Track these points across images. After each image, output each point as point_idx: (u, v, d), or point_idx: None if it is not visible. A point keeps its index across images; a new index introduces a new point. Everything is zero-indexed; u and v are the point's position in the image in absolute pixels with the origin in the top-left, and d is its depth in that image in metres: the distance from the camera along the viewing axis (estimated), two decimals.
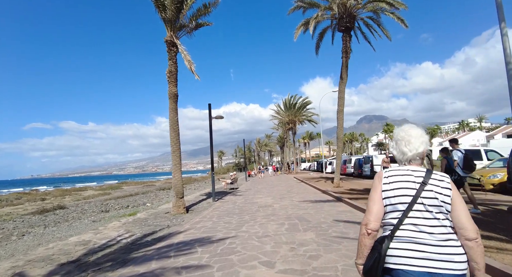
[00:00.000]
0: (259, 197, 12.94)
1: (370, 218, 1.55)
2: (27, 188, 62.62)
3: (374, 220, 1.54)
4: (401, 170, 1.60)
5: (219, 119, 12.56)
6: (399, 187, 1.53)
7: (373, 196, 1.58)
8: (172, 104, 10.28)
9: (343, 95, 15.23)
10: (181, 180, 10.25)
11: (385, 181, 1.57)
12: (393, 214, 1.53)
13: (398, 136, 1.70)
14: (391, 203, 1.53)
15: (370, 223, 1.54)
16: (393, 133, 1.78)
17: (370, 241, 1.55)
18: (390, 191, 1.54)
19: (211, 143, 12.60)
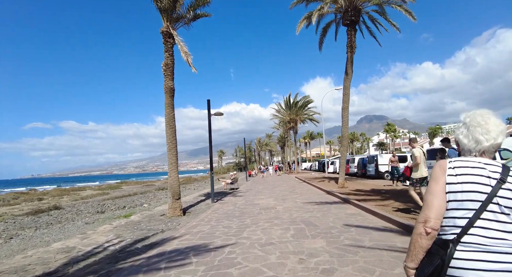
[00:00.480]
0: (260, 198, 12.30)
1: (430, 215, 1.33)
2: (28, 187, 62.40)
3: (435, 217, 1.33)
4: (470, 161, 1.38)
5: (218, 116, 11.94)
6: (470, 181, 1.32)
7: (433, 188, 1.38)
8: (168, 99, 9.65)
9: (348, 92, 14.59)
10: (177, 180, 9.61)
11: (451, 173, 1.36)
12: (458, 212, 1.32)
13: (473, 122, 1.44)
14: (456, 199, 1.32)
15: (430, 221, 1.32)
16: (464, 117, 1.50)
17: (428, 242, 1.34)
18: (457, 184, 1.33)
19: (210, 142, 11.97)
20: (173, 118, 9.67)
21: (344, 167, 14.51)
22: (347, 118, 14.57)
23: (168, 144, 9.55)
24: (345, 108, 14.53)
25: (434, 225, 1.31)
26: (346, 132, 14.50)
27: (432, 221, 1.32)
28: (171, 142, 9.55)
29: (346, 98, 14.55)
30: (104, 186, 56.03)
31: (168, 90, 9.66)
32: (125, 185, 56.35)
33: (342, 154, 14.62)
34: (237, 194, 14.86)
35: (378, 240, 4.95)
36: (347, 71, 14.56)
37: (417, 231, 1.36)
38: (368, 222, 6.42)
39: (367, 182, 16.52)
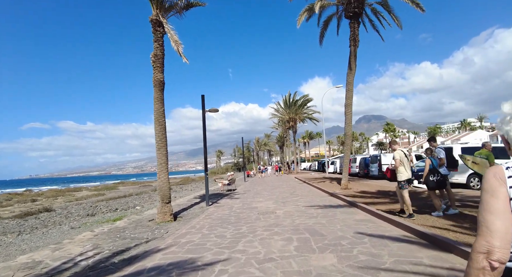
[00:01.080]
0: (258, 200, 11.46)
1: (494, 242, 0.97)
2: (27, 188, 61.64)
3: (502, 246, 0.97)
4: None
5: (213, 112, 11.11)
6: None
7: (492, 205, 1.02)
8: (157, 92, 8.80)
9: (351, 87, 13.77)
10: (167, 182, 8.76)
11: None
12: None
13: None
14: None
15: (495, 251, 0.96)
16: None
17: None
18: None
19: (204, 139, 11.13)
20: (162, 114, 8.82)
21: (347, 167, 13.69)
22: (351, 116, 13.75)
23: (157, 142, 8.70)
24: (348, 105, 13.72)
25: (502, 257, 0.97)
26: (349, 131, 13.69)
27: (499, 251, 0.97)
28: (160, 140, 8.70)
29: (350, 94, 13.74)
30: (101, 187, 55.15)
31: (158, 83, 8.82)
32: (122, 185, 55.48)
33: (345, 154, 13.80)
34: (234, 196, 14.01)
35: (399, 254, 4.12)
36: (351, 66, 13.75)
37: (477, 265, 1.00)
38: (382, 231, 5.59)
39: (371, 183, 15.71)
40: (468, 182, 11.27)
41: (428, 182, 6.22)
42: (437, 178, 6.13)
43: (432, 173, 6.19)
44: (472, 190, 11.00)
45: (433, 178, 6.15)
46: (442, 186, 6.29)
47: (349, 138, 13.67)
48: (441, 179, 6.16)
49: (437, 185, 6.19)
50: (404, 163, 6.17)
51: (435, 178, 6.13)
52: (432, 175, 6.16)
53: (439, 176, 6.17)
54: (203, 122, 11.05)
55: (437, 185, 6.20)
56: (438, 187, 6.29)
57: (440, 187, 6.29)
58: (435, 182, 6.15)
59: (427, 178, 6.24)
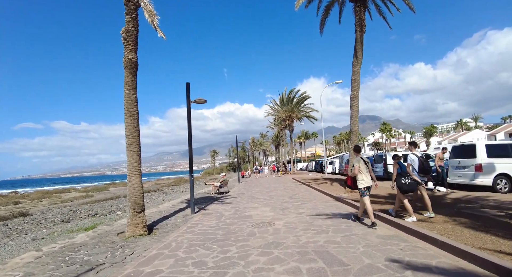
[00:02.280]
0: (253, 206, 9.83)
1: None
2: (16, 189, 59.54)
3: None
4: None
5: (200, 103, 9.46)
6: None
7: None
8: (128, 76, 7.13)
9: (358, 78, 12.22)
10: (140, 186, 7.09)
11: None
12: None
13: None
14: None
15: None
16: None
17: None
18: None
19: (189, 133, 9.46)
20: (134, 102, 7.15)
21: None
22: (357, 110, 12.20)
23: (128, 137, 7.03)
24: (354, 97, 12.17)
25: None
26: (355, 126, 12.12)
27: None
28: (131, 134, 7.02)
29: (356, 85, 12.19)
30: (91, 188, 53.21)
31: (129, 65, 7.15)
32: (113, 186, 53.63)
33: (351, 152, 12.25)
34: (225, 200, 12.36)
35: None
36: (357, 54, 12.21)
37: None
38: (423, 255, 4.01)
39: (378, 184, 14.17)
40: (494, 184, 9.77)
41: (402, 185, 6.21)
42: (409, 181, 6.20)
43: (403, 177, 6.25)
44: (500, 193, 9.48)
45: (405, 180, 6.19)
46: (414, 189, 6.38)
47: (355, 134, 12.11)
48: (412, 182, 6.23)
49: (410, 187, 6.21)
50: (364, 171, 6.10)
51: (406, 180, 6.19)
52: (404, 178, 6.22)
53: (410, 179, 6.23)
54: (188, 113, 9.38)
55: (410, 188, 6.23)
56: (411, 190, 6.31)
57: (413, 190, 6.35)
58: (408, 185, 6.18)
59: (399, 181, 6.25)
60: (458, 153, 11.23)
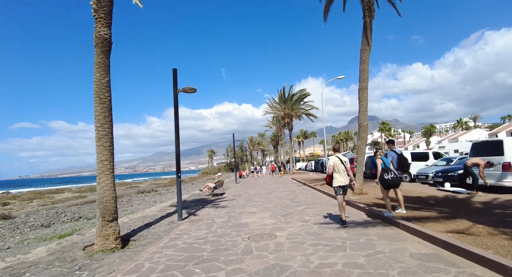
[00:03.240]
0: (250, 211, 8.57)
1: None
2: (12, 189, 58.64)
3: None
4: None
5: (188, 92, 8.19)
6: None
7: None
8: (100, 55, 5.87)
9: (366, 67, 11.00)
10: (112, 189, 5.82)
11: None
12: None
13: None
14: None
15: None
16: None
17: None
18: None
19: (176, 126, 8.17)
20: (106, 87, 5.89)
21: (362, 167, 10.89)
22: (366, 102, 10.97)
23: (97, 129, 5.76)
24: (363, 89, 10.94)
25: None
26: (365, 120, 10.89)
27: None
28: (101, 125, 5.75)
29: (365, 75, 10.96)
30: (85, 188, 51.94)
31: (100, 42, 5.88)
32: None
33: (359, 150, 11.00)
34: (219, 203, 11.10)
35: None
36: (367, 41, 10.99)
37: None
38: None
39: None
40: None
41: (383, 181, 6.20)
42: (391, 176, 6.15)
43: (386, 172, 6.18)
44: None
45: (387, 176, 6.15)
46: (396, 185, 6.28)
47: (364, 129, 10.87)
48: (395, 177, 6.16)
49: (392, 183, 6.18)
50: (340, 170, 6.06)
51: (389, 176, 6.14)
52: (386, 174, 6.16)
53: (393, 174, 6.16)
54: (175, 103, 8.08)
55: (392, 184, 6.19)
56: (392, 186, 6.25)
57: (395, 185, 6.27)
58: (391, 180, 6.14)
59: (382, 177, 6.21)
60: (480, 151, 10.04)
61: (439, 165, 14.41)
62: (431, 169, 14.03)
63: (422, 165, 15.84)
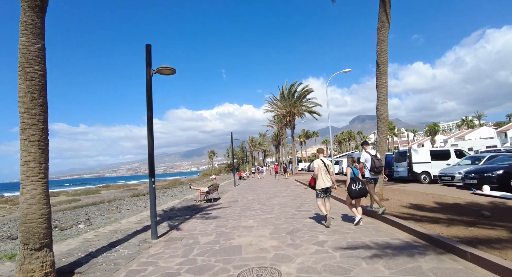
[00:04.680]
0: (246, 225, 6.76)
1: None
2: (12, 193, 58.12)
3: None
4: None
5: (166, 74, 6.37)
6: None
7: None
8: (27, 13, 4.11)
9: (385, 47, 9.18)
10: (43, 202, 4.04)
11: None
12: None
13: None
14: None
15: None
16: None
17: None
18: None
19: (149, 116, 6.33)
20: (36, 57, 4.10)
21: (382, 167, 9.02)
22: (386, 89, 9.16)
23: (22, 116, 3.98)
24: (382, 74, 9.13)
25: None
26: (384, 111, 9.06)
27: None
28: (26, 111, 3.97)
29: (384, 58, 9.14)
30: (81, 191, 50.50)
31: None
32: (106, 189, 51.07)
33: (378, 147, 9.15)
34: (211, 212, 9.29)
35: None
36: (386, 17, 9.17)
37: None
38: None
39: (406, 189, 11.12)
40: None
41: (351, 192, 6.08)
42: (359, 187, 6.05)
43: (354, 182, 6.11)
44: None
45: (355, 187, 6.05)
46: (363, 195, 6.11)
47: (384, 122, 9.04)
48: (362, 188, 6.07)
49: (359, 193, 6.04)
50: (322, 173, 6.01)
51: (356, 186, 6.05)
52: (354, 184, 6.09)
53: (361, 184, 6.09)
54: (148, 86, 6.26)
55: (359, 194, 6.04)
56: (359, 196, 6.08)
57: (361, 195, 6.10)
58: (357, 191, 6.02)
59: (350, 187, 6.10)
60: None
61: (463, 165, 12.58)
62: (456, 168, 12.20)
63: (443, 164, 14.01)
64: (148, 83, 6.36)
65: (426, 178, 14.04)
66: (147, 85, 6.35)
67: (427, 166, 14.12)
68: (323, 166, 6.02)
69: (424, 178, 14.04)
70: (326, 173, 6.03)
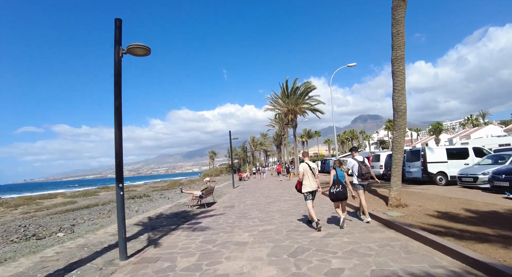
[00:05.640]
0: (239, 241, 5.49)
1: None
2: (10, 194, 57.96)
3: None
4: None
5: (139, 55, 5.12)
6: None
7: None
8: None
9: (402, 28, 7.91)
10: None
11: None
12: None
13: None
14: None
15: None
16: None
17: None
18: None
19: (117, 106, 5.08)
20: None
21: (400, 167, 7.74)
22: (404, 77, 7.88)
23: None
24: (398, 59, 7.85)
25: None
26: (402, 102, 7.76)
27: None
28: None
29: (400, 41, 7.87)
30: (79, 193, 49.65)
31: None
32: (105, 191, 50.26)
33: (395, 144, 7.86)
34: (201, 222, 8.03)
35: None
36: None
37: None
38: None
39: (423, 192, 9.84)
40: None
41: (329, 194, 6.04)
42: (337, 190, 5.91)
43: (333, 185, 6.02)
44: None
45: (333, 189, 5.96)
46: (341, 198, 5.93)
47: (401, 116, 7.75)
48: (341, 191, 5.89)
49: (336, 197, 5.92)
50: (309, 176, 6.04)
51: (335, 190, 5.93)
52: (333, 186, 5.99)
53: (341, 188, 5.92)
54: (116, 71, 5.03)
55: (337, 197, 5.92)
56: (337, 199, 5.96)
57: (339, 199, 5.95)
58: (334, 194, 5.92)
59: (329, 189, 6.07)
60: None
61: (485, 164, 11.27)
62: (478, 168, 10.90)
63: (461, 164, 12.69)
64: (116, 65, 5.11)
65: (442, 179, 12.73)
66: (116, 68, 5.11)
67: (443, 166, 12.80)
68: (309, 170, 6.07)
69: (440, 179, 12.73)
70: (312, 176, 6.06)
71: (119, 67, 5.15)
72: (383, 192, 10.24)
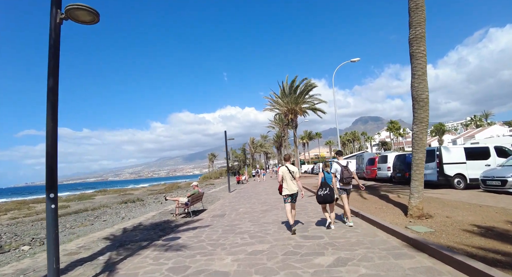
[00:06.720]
0: (217, 271, 4.13)
1: None
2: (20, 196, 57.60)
3: None
4: None
5: (85, 23, 3.81)
6: None
7: None
8: None
9: (422, 2, 6.56)
10: None
11: None
12: None
13: None
14: None
15: None
16: None
17: None
18: None
19: (53, 73, 3.83)
20: None
21: (422, 170, 6.37)
22: (424, 59, 6.52)
23: None
24: (418, 38, 6.49)
25: None
26: (424, 91, 6.39)
27: None
28: None
29: (419, 16, 6.52)
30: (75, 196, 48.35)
31: None
32: (102, 194, 48.92)
33: (416, 141, 6.47)
34: (179, 237, 6.62)
35: None
36: None
37: None
38: None
39: (445, 197, 8.44)
40: None
41: (316, 197, 6.15)
42: (324, 193, 6.01)
43: (321, 188, 6.11)
44: None
45: (320, 192, 6.07)
46: (328, 201, 6.07)
47: (424, 106, 6.36)
48: (327, 194, 5.99)
49: (323, 199, 6.02)
50: (287, 179, 6.09)
51: (322, 192, 6.04)
52: (321, 189, 6.10)
53: (328, 190, 6.01)
54: (52, 42, 3.75)
55: (323, 200, 6.03)
56: (324, 202, 6.10)
57: (326, 201, 6.09)
58: (321, 197, 6.03)
59: (316, 191, 6.19)
60: None
61: (509, 165, 9.88)
62: (505, 170, 9.50)
63: (481, 165, 11.30)
64: (53, 32, 3.77)
65: (461, 182, 11.33)
66: (52, 36, 3.76)
67: (462, 168, 11.40)
68: (288, 173, 6.08)
69: (458, 183, 11.33)
70: (292, 179, 6.09)
71: (57, 34, 3.80)
72: (396, 198, 8.85)
